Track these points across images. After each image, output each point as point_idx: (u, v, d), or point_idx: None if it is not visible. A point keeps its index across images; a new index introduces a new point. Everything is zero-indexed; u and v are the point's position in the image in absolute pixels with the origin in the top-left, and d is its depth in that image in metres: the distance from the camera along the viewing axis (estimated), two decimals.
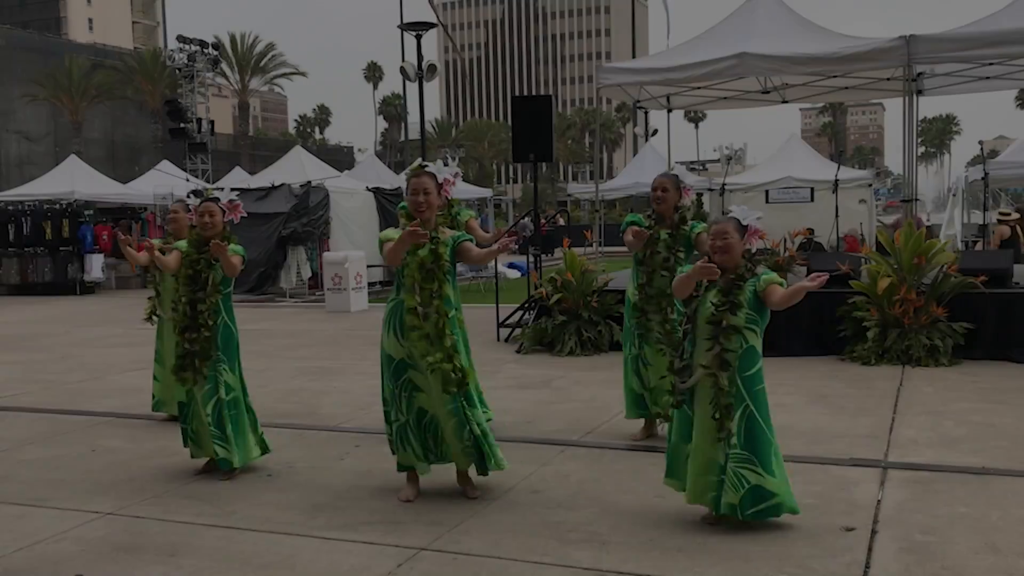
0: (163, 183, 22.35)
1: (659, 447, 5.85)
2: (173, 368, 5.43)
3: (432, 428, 4.87)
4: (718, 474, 4.26)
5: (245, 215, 5.58)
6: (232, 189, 5.80)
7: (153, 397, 7.10)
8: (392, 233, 4.80)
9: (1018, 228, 15.46)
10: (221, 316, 5.36)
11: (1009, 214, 15.87)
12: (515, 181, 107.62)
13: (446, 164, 5.58)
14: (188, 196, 5.80)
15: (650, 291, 5.83)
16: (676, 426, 4.47)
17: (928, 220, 22.10)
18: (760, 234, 4.33)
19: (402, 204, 5.62)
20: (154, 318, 7.13)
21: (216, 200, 5.42)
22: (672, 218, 5.82)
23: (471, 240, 4.91)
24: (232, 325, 5.42)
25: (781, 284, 4.21)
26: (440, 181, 4.86)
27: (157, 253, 5.99)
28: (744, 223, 4.29)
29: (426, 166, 4.96)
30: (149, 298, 7.17)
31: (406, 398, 4.82)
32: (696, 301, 4.36)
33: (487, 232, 6.91)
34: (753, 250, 4.32)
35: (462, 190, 28.88)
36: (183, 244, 5.55)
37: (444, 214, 5.97)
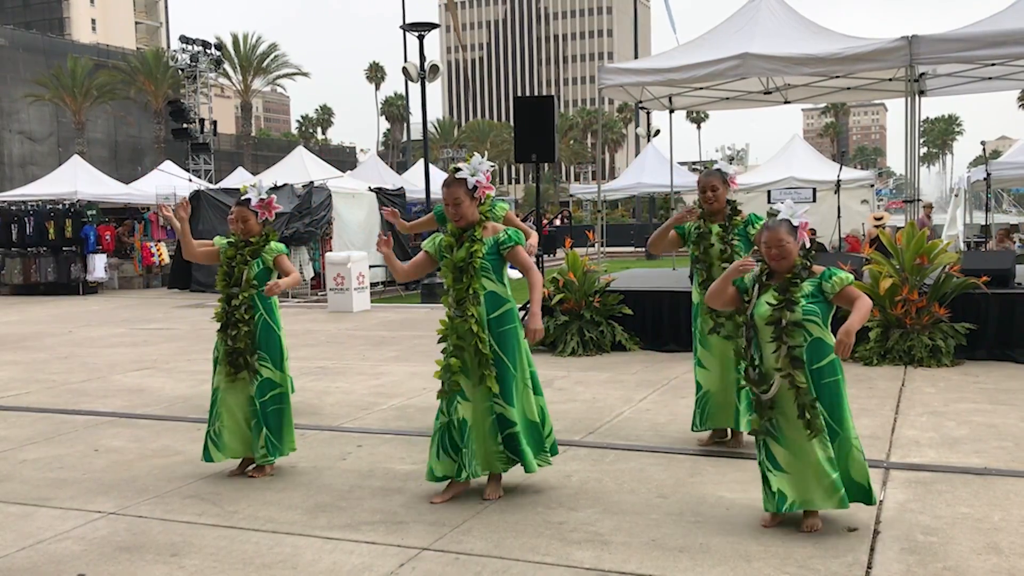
0: (165, 183, 22.37)
1: (660, 448, 5.86)
2: (226, 369, 5.35)
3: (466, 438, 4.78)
4: (830, 469, 4.15)
5: (280, 209, 5.45)
6: (267, 187, 5.56)
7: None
8: (427, 244, 4.91)
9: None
10: (259, 313, 5.34)
11: (882, 218, 15.89)
12: (517, 181, 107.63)
13: (480, 161, 5.02)
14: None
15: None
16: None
17: (931, 220, 22.12)
18: (807, 227, 4.26)
19: (437, 207, 5.74)
20: None
21: (247, 203, 5.37)
22: (724, 212, 5.73)
23: (521, 244, 4.84)
24: (273, 322, 5.38)
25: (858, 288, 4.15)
26: (471, 186, 4.79)
27: (181, 227, 5.59)
28: (795, 224, 4.24)
29: (459, 169, 4.84)
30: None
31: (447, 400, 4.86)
32: (752, 306, 4.29)
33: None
34: (807, 245, 4.26)
35: None
36: (221, 239, 5.53)
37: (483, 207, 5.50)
